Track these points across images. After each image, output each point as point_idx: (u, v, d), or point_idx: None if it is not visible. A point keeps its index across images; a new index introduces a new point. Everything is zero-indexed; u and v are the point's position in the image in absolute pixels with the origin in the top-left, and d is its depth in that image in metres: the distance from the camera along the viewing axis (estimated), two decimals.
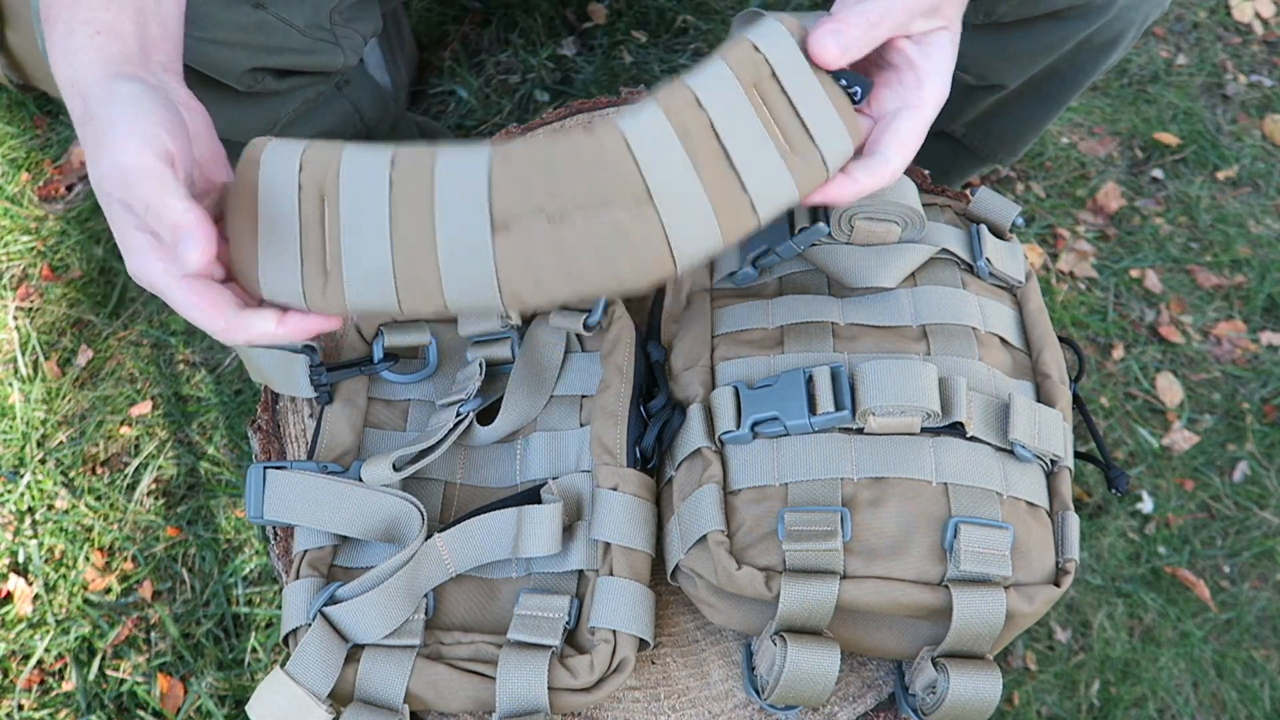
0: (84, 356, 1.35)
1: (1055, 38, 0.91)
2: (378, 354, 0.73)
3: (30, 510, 1.26)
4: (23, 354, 1.35)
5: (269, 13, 0.78)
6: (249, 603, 1.22)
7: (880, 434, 0.63)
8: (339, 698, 0.62)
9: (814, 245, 0.69)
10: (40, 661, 1.18)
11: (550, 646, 0.63)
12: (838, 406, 0.62)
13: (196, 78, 0.79)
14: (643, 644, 0.65)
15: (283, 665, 0.62)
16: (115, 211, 0.52)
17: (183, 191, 0.50)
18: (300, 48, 0.83)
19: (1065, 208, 1.52)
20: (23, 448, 1.29)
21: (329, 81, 0.90)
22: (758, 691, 0.64)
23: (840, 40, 0.55)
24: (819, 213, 0.69)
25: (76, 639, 1.19)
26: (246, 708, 0.69)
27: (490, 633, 0.65)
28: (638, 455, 0.67)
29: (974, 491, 0.61)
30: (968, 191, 0.76)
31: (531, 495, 0.67)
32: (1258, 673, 1.23)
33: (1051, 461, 0.64)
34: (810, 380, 0.64)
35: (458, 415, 0.69)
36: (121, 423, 1.31)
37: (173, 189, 0.50)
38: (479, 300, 0.52)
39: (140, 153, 0.50)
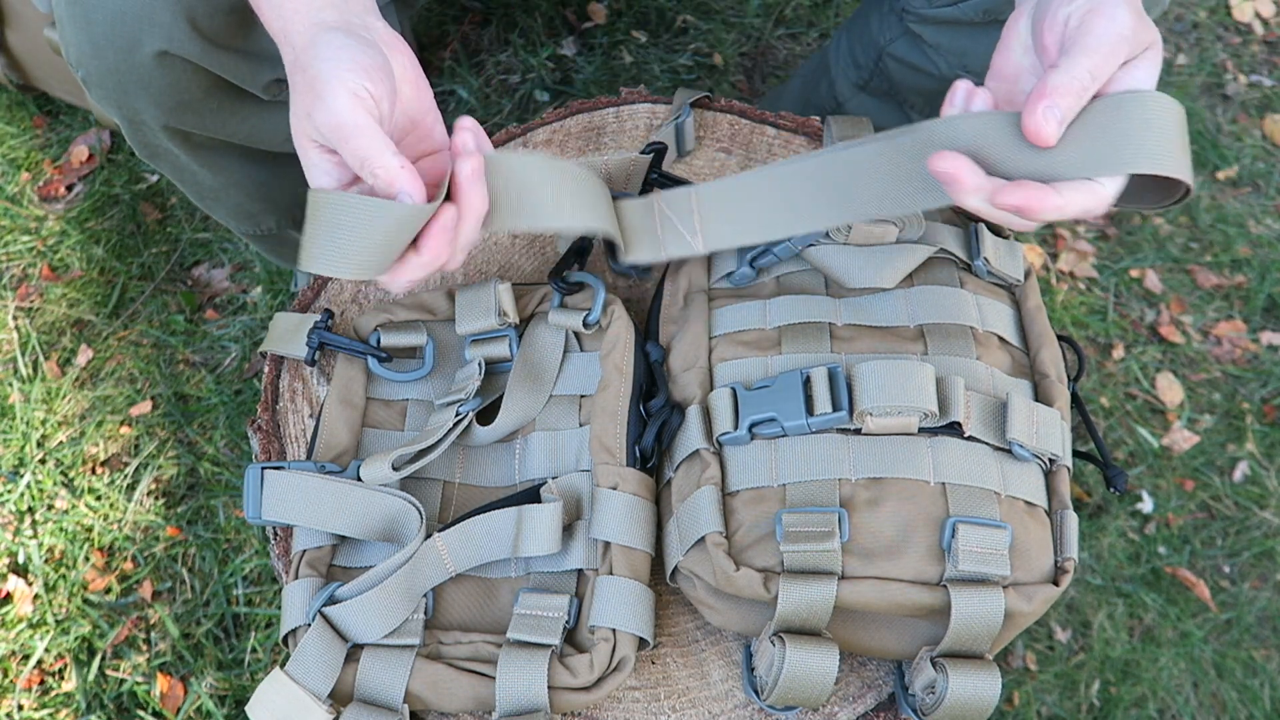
0: (84, 356, 1.35)
1: None
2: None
3: (30, 510, 1.26)
4: (23, 354, 1.35)
5: None
6: (249, 603, 1.22)
7: (878, 434, 0.63)
8: (339, 698, 0.62)
9: (811, 245, 0.69)
10: (40, 661, 1.18)
11: (550, 645, 0.63)
12: (835, 407, 0.62)
13: (223, 87, 0.80)
14: (642, 643, 0.65)
15: (282, 665, 0.62)
16: (312, 154, 0.58)
17: (393, 149, 0.55)
18: None
19: None
20: (23, 448, 1.29)
21: None
22: (757, 692, 0.64)
23: (1058, 114, 0.53)
24: None
25: (76, 639, 1.19)
26: (246, 708, 0.69)
27: (490, 632, 0.65)
28: (637, 455, 0.67)
29: (972, 491, 0.61)
30: None
31: (531, 495, 0.67)
32: (1258, 673, 1.23)
33: (1050, 460, 0.64)
34: (807, 381, 0.64)
35: (457, 415, 0.69)
36: (121, 423, 1.31)
37: (385, 147, 0.55)
38: None
39: (354, 110, 0.54)
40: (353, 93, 0.55)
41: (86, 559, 1.23)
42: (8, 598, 1.21)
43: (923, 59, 1.01)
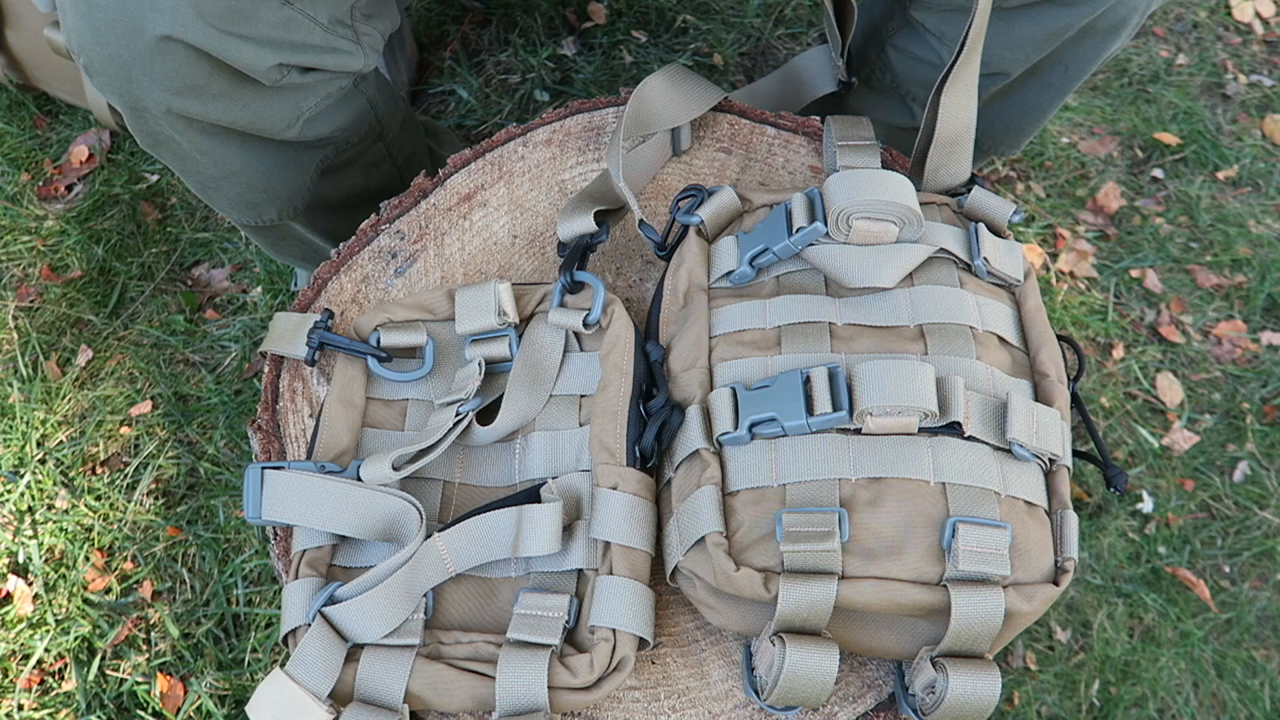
0: (84, 356, 1.35)
1: (1059, 23, 0.91)
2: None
3: (30, 510, 1.26)
4: (23, 354, 1.35)
5: (295, 9, 0.79)
6: (249, 603, 1.22)
7: (878, 434, 0.63)
8: (339, 698, 0.62)
9: (811, 245, 0.69)
10: (40, 661, 1.18)
11: (550, 645, 0.63)
12: (835, 407, 0.62)
13: (226, 72, 0.80)
14: (642, 643, 0.65)
15: (282, 665, 0.62)
16: None
17: None
18: (322, 45, 0.84)
19: (1065, 207, 1.52)
20: (23, 448, 1.29)
21: (349, 78, 0.91)
22: (757, 692, 0.64)
23: None
24: (816, 212, 0.69)
25: (76, 639, 1.19)
26: (246, 708, 0.69)
27: (490, 632, 0.65)
28: (637, 455, 0.67)
29: (972, 491, 0.61)
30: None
31: (531, 495, 0.67)
32: (1258, 673, 1.23)
33: (1050, 460, 0.64)
34: (808, 381, 0.64)
35: (457, 415, 0.69)
36: (121, 423, 1.31)
37: None
38: None
39: None
40: None
41: (86, 559, 1.23)
42: (8, 598, 1.21)
43: (925, 49, 1.01)
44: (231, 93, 0.82)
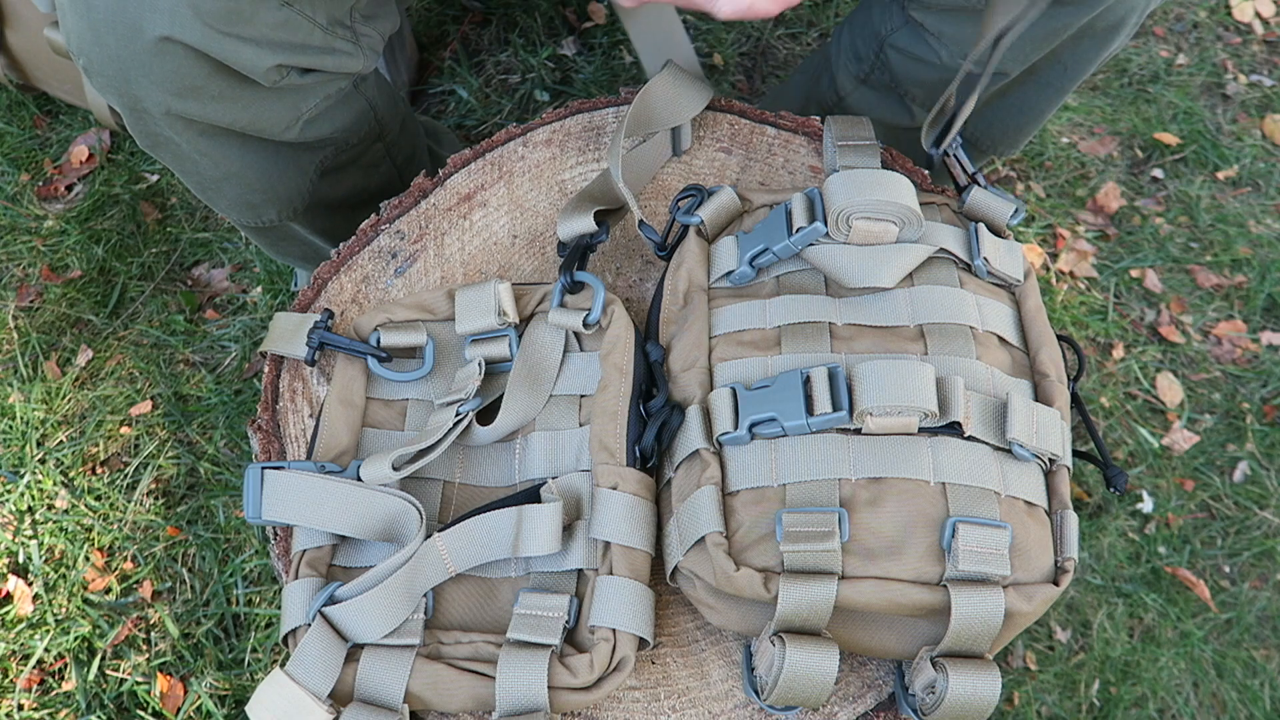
0: (84, 356, 1.35)
1: (1058, 23, 0.91)
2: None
3: (30, 510, 1.26)
4: (23, 354, 1.35)
5: (294, 10, 0.79)
6: (249, 603, 1.22)
7: (878, 434, 0.63)
8: (339, 698, 0.62)
9: (811, 245, 0.69)
10: (40, 661, 1.18)
11: (550, 645, 0.63)
12: (835, 407, 0.62)
13: (225, 73, 0.80)
14: (642, 643, 0.65)
15: (282, 665, 0.62)
16: None
17: None
18: (321, 46, 0.84)
19: (1065, 207, 1.52)
20: (23, 448, 1.29)
21: (348, 79, 0.91)
22: (757, 692, 0.64)
23: None
24: (816, 212, 0.69)
25: (76, 639, 1.19)
26: (246, 708, 0.69)
27: (490, 632, 0.65)
28: (637, 455, 0.67)
29: (972, 491, 0.61)
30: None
31: (531, 495, 0.67)
32: (1258, 673, 1.23)
33: (1050, 460, 0.64)
34: (807, 381, 0.64)
35: (457, 415, 0.69)
36: (121, 423, 1.31)
37: None
38: None
39: None
40: None
41: (86, 559, 1.23)
42: (8, 598, 1.21)
43: (924, 49, 1.01)
44: (231, 94, 0.82)
